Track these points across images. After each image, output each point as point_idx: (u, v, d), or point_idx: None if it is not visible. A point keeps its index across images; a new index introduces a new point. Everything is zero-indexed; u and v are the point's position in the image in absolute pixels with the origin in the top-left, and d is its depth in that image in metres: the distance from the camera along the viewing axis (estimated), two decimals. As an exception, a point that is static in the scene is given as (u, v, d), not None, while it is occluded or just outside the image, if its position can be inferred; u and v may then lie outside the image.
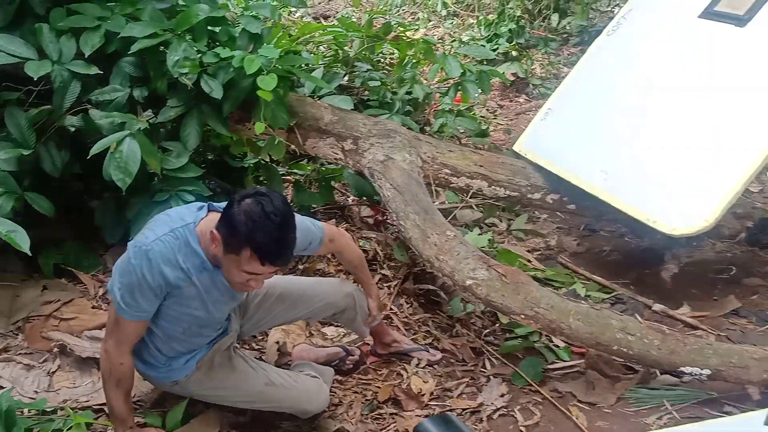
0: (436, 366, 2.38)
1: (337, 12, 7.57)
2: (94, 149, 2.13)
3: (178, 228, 1.74)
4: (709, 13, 2.89)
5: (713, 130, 2.61)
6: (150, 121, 2.39)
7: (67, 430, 1.60)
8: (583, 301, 2.33)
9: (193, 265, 1.74)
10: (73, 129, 2.34)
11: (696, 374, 2.03)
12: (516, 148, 3.17)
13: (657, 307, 2.70)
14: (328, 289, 2.22)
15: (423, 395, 2.21)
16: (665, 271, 3.03)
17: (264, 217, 1.61)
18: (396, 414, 2.15)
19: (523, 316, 2.18)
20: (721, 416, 2.00)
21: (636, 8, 3.22)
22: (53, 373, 2.04)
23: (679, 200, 2.55)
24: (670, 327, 2.35)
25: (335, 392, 2.22)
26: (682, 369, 2.05)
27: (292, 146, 2.85)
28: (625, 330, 2.09)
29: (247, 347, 2.40)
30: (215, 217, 1.72)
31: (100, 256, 2.65)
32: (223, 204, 1.72)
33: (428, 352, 2.44)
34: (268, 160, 3.08)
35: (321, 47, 4.13)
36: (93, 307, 2.33)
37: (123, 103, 2.38)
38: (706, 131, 2.63)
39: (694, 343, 2.07)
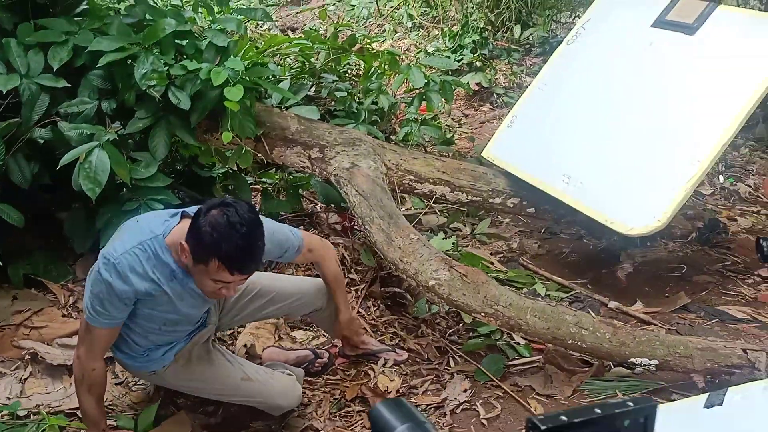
0: (402, 365, 2.47)
1: (305, 24, 7.65)
2: (64, 160, 2.18)
3: (147, 241, 1.78)
4: (660, 23, 3.04)
5: (665, 134, 2.75)
6: (118, 132, 2.44)
7: (41, 431, 1.65)
8: (539, 299, 2.45)
9: (163, 275, 1.79)
10: (42, 141, 2.38)
11: (645, 365, 2.15)
12: (484, 154, 3.29)
13: (612, 304, 2.83)
14: (307, 287, 2.29)
15: (389, 393, 2.29)
16: (621, 271, 3.19)
17: (229, 228, 1.65)
18: (363, 411, 2.23)
19: (483, 314, 2.28)
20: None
21: (594, 18, 3.37)
22: (25, 380, 2.08)
23: (634, 202, 2.68)
24: (624, 323, 2.48)
25: (305, 392, 2.29)
26: (632, 360, 2.16)
27: (260, 155, 2.92)
28: (579, 325, 2.20)
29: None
30: (187, 224, 1.75)
31: (70, 265, 2.69)
32: (193, 208, 1.78)
33: (395, 352, 2.53)
34: (236, 168, 3.14)
35: (288, 59, 4.21)
36: (63, 316, 2.37)
37: (91, 115, 2.43)
38: (659, 136, 2.77)
39: (643, 336, 2.20)
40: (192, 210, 1.81)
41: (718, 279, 3.07)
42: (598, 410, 0.68)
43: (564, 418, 0.67)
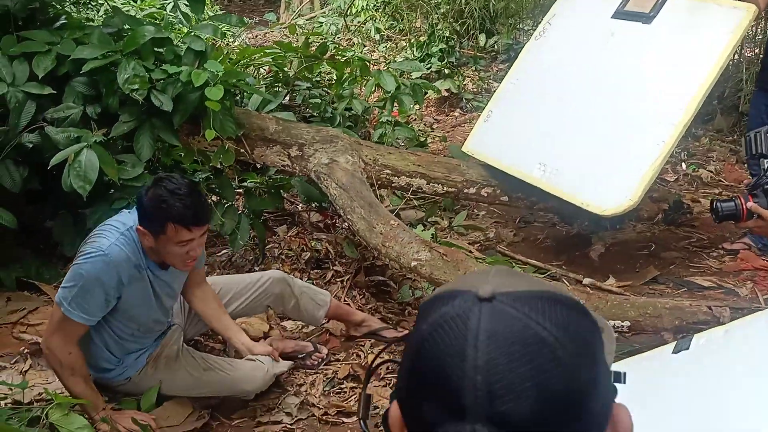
0: (393, 345, 2.56)
1: (274, 43, 7.78)
2: (54, 160, 2.26)
3: (125, 231, 1.96)
4: (620, 13, 3.20)
5: (631, 118, 2.89)
6: (104, 135, 2.52)
7: (50, 409, 1.71)
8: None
9: (142, 262, 1.97)
10: (30, 145, 2.45)
11: (618, 326, 2.28)
12: (464, 149, 3.42)
13: (586, 281, 2.96)
14: (259, 276, 2.43)
15: (380, 370, 2.38)
16: (593, 252, 3.33)
17: (170, 195, 1.87)
18: (356, 387, 2.32)
19: (464, 290, 2.39)
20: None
21: (559, 14, 3.53)
22: (25, 372, 2.14)
23: (607, 184, 2.80)
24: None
25: (297, 374, 2.38)
26: (606, 323, 2.28)
27: (242, 154, 3.01)
28: (555, 293, 2.32)
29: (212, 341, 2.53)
30: None
31: (60, 269, 2.74)
32: None
33: (396, 330, 2.63)
34: (219, 167, 3.22)
35: (261, 69, 4.33)
36: (58, 314, 2.42)
37: (77, 120, 2.51)
38: (625, 120, 2.90)
39: (614, 300, 2.33)
40: None
41: (685, 254, 3.23)
42: None
43: None
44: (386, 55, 7.47)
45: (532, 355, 0.54)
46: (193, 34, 2.85)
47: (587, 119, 3.03)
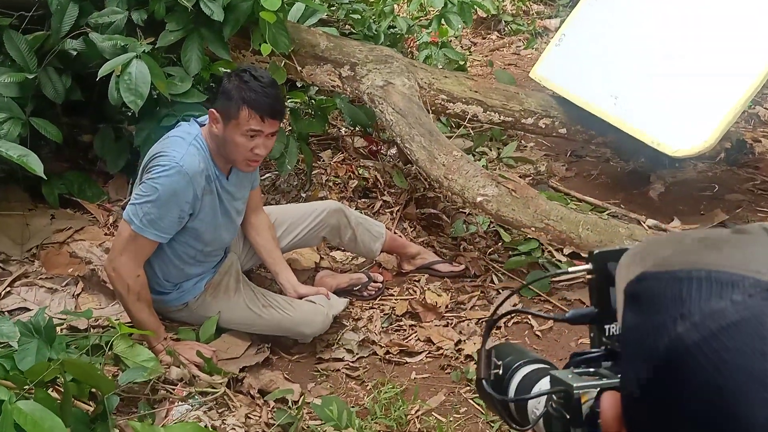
0: (448, 280, 2.46)
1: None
2: (103, 70, 2.08)
3: (193, 141, 1.86)
4: None
5: (716, 55, 2.67)
6: (151, 44, 2.33)
7: (114, 340, 1.61)
8: (589, 213, 2.43)
9: (212, 172, 1.89)
10: (74, 53, 2.26)
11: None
12: (531, 75, 3.20)
13: (649, 222, 2.82)
14: (315, 206, 2.33)
15: (439, 307, 2.29)
16: (653, 191, 3.17)
17: (253, 79, 1.82)
18: (415, 325, 2.23)
19: (533, 229, 2.26)
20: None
21: None
22: (77, 295, 2.04)
23: (681, 123, 2.63)
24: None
25: (351, 309, 2.28)
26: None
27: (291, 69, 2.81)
28: (633, 237, 2.19)
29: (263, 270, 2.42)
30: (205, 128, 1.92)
31: (102, 187, 2.61)
32: (204, 118, 1.92)
33: (451, 264, 2.51)
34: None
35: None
36: (105, 234, 2.31)
37: (122, 27, 2.31)
38: (709, 56, 2.69)
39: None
40: (202, 119, 1.95)
41: (751, 197, 3.08)
42: None
43: (618, 247, 0.66)
44: (420, -30, 7.05)
45: None
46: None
47: (669, 52, 2.81)
